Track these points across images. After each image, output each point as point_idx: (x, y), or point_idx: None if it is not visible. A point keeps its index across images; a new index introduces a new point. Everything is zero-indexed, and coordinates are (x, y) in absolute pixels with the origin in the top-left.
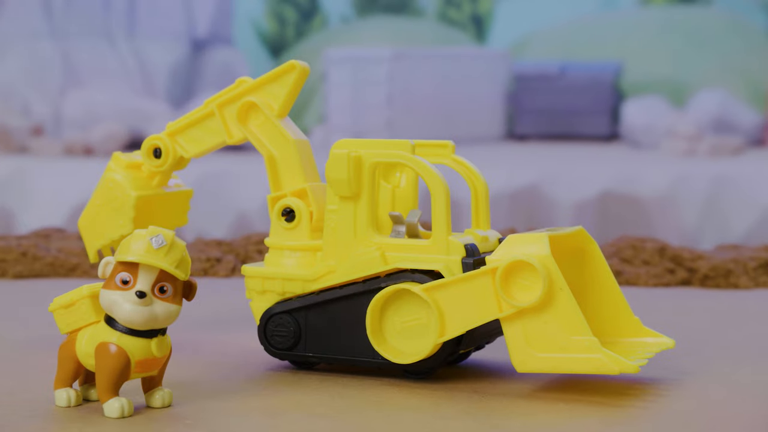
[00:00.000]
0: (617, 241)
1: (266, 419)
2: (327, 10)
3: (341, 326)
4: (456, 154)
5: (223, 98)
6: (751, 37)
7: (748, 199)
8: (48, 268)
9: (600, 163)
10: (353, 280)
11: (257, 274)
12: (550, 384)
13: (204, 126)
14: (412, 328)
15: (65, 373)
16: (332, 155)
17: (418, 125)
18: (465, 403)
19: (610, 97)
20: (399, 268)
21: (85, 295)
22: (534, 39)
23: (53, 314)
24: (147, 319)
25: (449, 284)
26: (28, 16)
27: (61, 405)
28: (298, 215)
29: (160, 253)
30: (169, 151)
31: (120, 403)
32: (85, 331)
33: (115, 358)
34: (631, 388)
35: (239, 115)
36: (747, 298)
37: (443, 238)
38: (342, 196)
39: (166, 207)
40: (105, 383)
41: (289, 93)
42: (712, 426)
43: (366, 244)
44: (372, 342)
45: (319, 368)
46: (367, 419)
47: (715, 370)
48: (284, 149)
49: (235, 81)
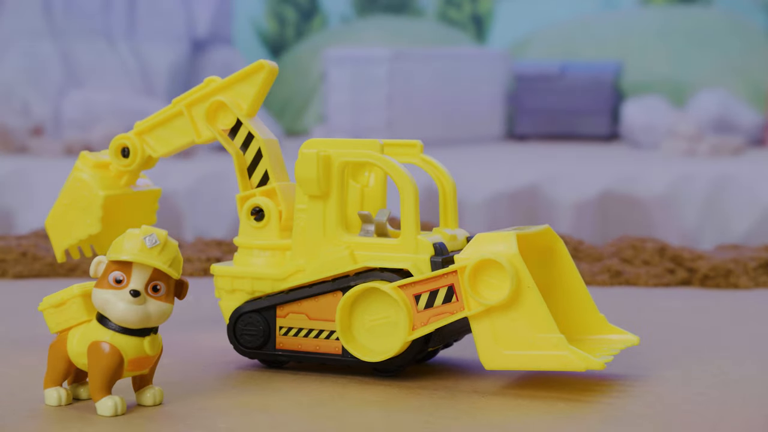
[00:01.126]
0: (617, 241)
1: (266, 419)
2: (327, 10)
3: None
4: (424, 154)
5: (191, 98)
6: (751, 37)
7: (748, 199)
8: (48, 268)
9: (600, 163)
10: (322, 279)
11: (226, 273)
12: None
13: (172, 125)
14: (381, 326)
15: (56, 373)
16: (301, 155)
17: (418, 125)
18: (465, 403)
19: (610, 97)
20: (368, 267)
21: (76, 294)
22: (534, 39)
23: (43, 313)
24: (141, 318)
25: (417, 282)
26: (28, 15)
27: (51, 404)
28: (267, 214)
29: (153, 252)
30: (137, 150)
31: (113, 402)
32: (76, 330)
33: (108, 356)
34: (631, 385)
35: (208, 115)
36: (747, 298)
37: (412, 237)
38: (311, 195)
39: (134, 206)
40: (98, 382)
41: (258, 92)
42: (711, 427)
43: (335, 243)
44: (341, 340)
45: (320, 368)
46: (367, 419)
47: (715, 370)
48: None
49: (203, 80)
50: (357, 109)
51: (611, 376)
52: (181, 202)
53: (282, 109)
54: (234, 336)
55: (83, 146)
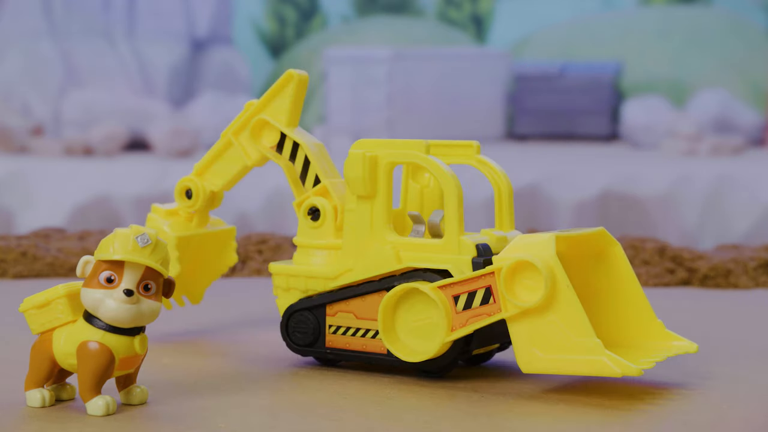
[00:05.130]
0: (617, 241)
1: (266, 419)
2: (327, 10)
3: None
4: (481, 155)
5: (235, 125)
6: (751, 37)
7: (748, 199)
8: (48, 268)
9: (600, 163)
10: (369, 279)
11: (283, 272)
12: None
13: (225, 157)
14: (423, 326)
15: (39, 374)
16: (349, 155)
17: (417, 125)
18: (465, 403)
19: (610, 97)
20: (412, 267)
21: (61, 294)
22: (534, 39)
23: (24, 314)
24: (134, 317)
25: (456, 284)
26: (28, 15)
27: (34, 405)
28: (323, 212)
29: (146, 251)
30: (199, 189)
31: (104, 401)
32: (61, 330)
33: (99, 356)
34: (634, 390)
35: (253, 136)
36: (747, 298)
37: (455, 238)
38: (359, 195)
39: (212, 246)
40: (89, 382)
41: (293, 102)
42: (711, 426)
43: (381, 243)
44: (383, 340)
45: (320, 368)
46: (367, 419)
47: (715, 369)
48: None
49: (243, 107)
50: (357, 109)
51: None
52: None
53: None
54: (286, 333)
55: (83, 146)
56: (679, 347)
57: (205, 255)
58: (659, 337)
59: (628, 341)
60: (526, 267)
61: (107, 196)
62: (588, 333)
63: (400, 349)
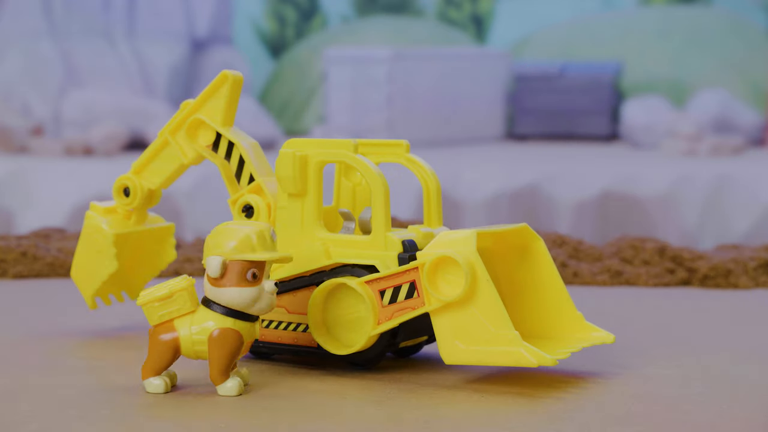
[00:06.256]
0: (617, 241)
1: (266, 419)
2: (327, 10)
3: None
4: (410, 154)
5: (172, 125)
6: (751, 37)
7: (749, 199)
8: (48, 268)
9: (600, 163)
10: (300, 274)
11: None
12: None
13: (163, 155)
14: (352, 320)
15: (160, 362)
16: (280, 154)
17: (418, 125)
18: (466, 403)
19: (610, 97)
20: (341, 263)
21: (184, 287)
22: (534, 39)
23: (143, 307)
24: (273, 307)
25: (382, 278)
26: (28, 15)
27: (158, 392)
28: (257, 210)
29: (276, 244)
30: (137, 187)
31: (237, 382)
32: (183, 320)
33: (234, 341)
34: (630, 385)
35: (188, 135)
36: (747, 298)
37: (381, 235)
38: (290, 193)
39: (151, 244)
40: (223, 366)
41: (228, 102)
42: (711, 426)
43: (312, 240)
44: (313, 334)
45: (319, 368)
46: (366, 419)
47: (715, 370)
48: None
49: (179, 106)
50: (357, 109)
51: (612, 376)
52: (181, 202)
53: (282, 109)
54: None
55: (83, 146)
56: (596, 338)
57: (144, 252)
58: (578, 329)
59: (548, 333)
60: (447, 262)
61: (107, 196)
62: (506, 325)
63: (328, 342)
